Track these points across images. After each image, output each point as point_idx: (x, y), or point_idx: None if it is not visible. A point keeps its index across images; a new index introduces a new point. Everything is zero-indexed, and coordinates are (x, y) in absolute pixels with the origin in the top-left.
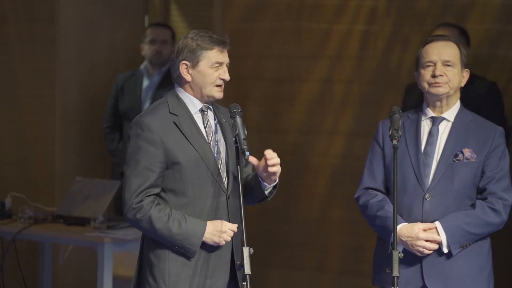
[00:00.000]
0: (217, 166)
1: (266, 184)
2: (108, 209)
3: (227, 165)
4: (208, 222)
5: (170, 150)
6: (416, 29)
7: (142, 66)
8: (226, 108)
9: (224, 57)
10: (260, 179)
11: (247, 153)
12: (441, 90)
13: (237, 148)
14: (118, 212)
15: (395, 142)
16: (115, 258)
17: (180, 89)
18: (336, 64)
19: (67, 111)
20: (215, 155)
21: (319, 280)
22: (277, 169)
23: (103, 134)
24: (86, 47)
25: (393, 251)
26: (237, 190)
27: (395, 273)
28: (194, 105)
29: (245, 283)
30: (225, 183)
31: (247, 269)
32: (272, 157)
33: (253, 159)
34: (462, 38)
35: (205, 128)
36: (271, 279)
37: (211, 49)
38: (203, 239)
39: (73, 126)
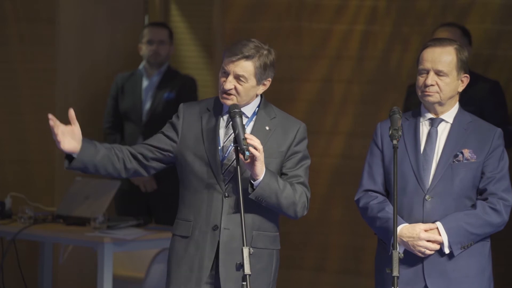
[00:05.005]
0: (221, 165)
1: (252, 182)
2: (108, 209)
3: (240, 167)
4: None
5: (185, 139)
6: (416, 29)
7: (140, 66)
8: (290, 117)
9: (230, 67)
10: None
11: (247, 153)
12: (431, 99)
13: (237, 148)
14: (118, 212)
15: (395, 142)
16: (115, 258)
17: None
18: (336, 64)
19: (67, 111)
20: (224, 155)
21: (319, 280)
22: (256, 153)
23: (103, 135)
24: (86, 47)
25: (393, 251)
26: (242, 192)
27: (395, 273)
28: (224, 106)
29: (245, 283)
30: (226, 183)
31: (247, 269)
32: (252, 137)
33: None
34: (465, 38)
35: (226, 128)
36: None
37: (224, 56)
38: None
39: None
